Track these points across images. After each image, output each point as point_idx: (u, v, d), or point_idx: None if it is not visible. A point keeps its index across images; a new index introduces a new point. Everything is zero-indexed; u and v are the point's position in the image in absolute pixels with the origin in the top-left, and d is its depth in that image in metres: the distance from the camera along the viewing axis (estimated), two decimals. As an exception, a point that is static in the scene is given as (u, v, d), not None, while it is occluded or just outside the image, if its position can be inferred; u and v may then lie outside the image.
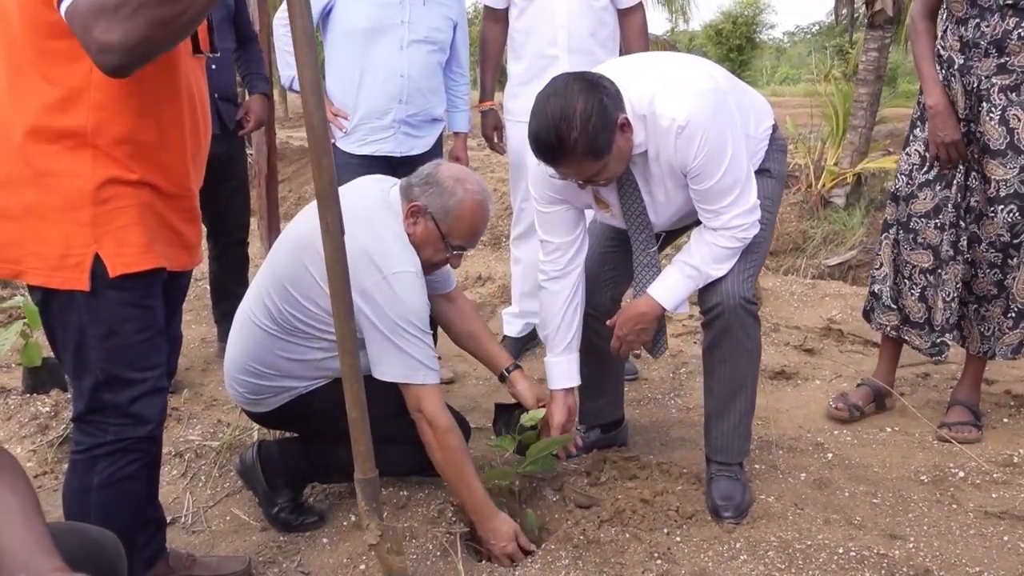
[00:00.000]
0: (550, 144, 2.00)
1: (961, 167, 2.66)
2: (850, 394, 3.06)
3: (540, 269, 2.46)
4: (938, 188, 2.71)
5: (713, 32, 23.44)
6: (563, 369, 2.46)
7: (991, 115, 2.58)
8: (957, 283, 2.72)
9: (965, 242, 2.69)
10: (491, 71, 3.54)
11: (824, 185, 7.25)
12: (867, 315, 3.03)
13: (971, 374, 2.89)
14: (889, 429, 2.89)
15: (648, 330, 2.31)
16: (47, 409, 3.03)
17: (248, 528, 2.37)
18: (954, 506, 2.35)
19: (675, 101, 2.07)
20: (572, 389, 2.47)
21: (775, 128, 2.39)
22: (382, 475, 2.44)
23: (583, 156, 2.00)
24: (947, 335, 2.81)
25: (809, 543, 2.13)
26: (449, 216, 2.13)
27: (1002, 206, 2.62)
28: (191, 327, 4.12)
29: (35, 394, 3.18)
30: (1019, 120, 2.55)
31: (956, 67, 2.63)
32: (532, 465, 2.32)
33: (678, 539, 2.18)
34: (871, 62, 7.26)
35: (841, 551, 2.09)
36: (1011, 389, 3.17)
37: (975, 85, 2.60)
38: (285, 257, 2.20)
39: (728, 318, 2.21)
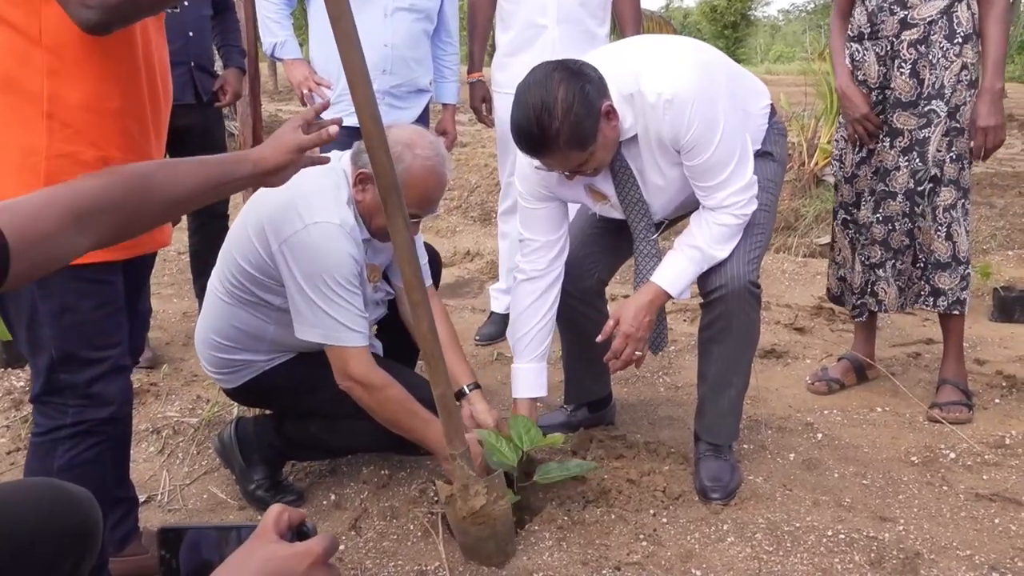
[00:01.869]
0: (532, 136, 1.93)
1: (880, 136, 2.74)
2: (829, 369, 3.06)
3: (518, 268, 2.35)
4: (870, 162, 2.79)
5: (708, 9, 23.26)
6: (531, 377, 2.33)
7: (901, 70, 2.64)
8: (875, 247, 2.78)
9: (876, 204, 2.75)
10: (479, 41, 3.46)
11: (817, 163, 7.18)
12: (838, 299, 3.05)
13: (951, 349, 2.85)
14: (879, 409, 2.84)
15: (653, 322, 2.20)
16: (21, 384, 2.97)
17: (226, 507, 2.32)
18: (945, 488, 2.31)
19: (660, 75, 2.02)
20: (536, 401, 2.36)
21: (773, 111, 2.34)
22: (354, 452, 2.42)
23: (567, 147, 1.94)
24: (866, 298, 2.87)
25: (798, 525, 2.09)
26: None
27: (912, 153, 2.66)
28: (172, 301, 4.06)
29: (9, 369, 3.11)
30: (926, 69, 2.61)
31: (866, 37, 2.71)
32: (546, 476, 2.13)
33: (664, 520, 2.14)
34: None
35: (830, 533, 2.05)
36: (1002, 369, 3.13)
37: (887, 48, 2.67)
38: (234, 225, 2.18)
39: (731, 301, 2.14)
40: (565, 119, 1.90)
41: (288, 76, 3.18)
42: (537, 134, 1.92)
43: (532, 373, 2.34)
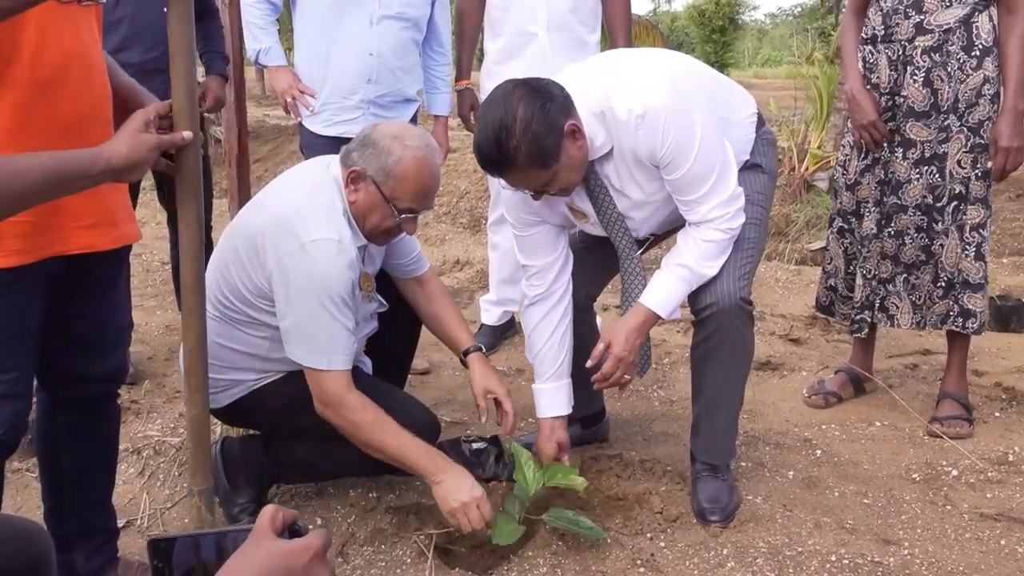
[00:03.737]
0: (491, 155, 1.90)
1: (884, 145, 2.67)
2: (826, 381, 3.00)
3: (522, 292, 2.33)
4: (874, 171, 2.72)
5: (696, 13, 23.23)
6: (551, 397, 2.30)
7: (915, 78, 2.56)
8: (877, 260, 2.72)
9: (885, 217, 2.68)
10: (468, 49, 3.40)
11: (807, 168, 7.15)
12: (827, 310, 2.98)
13: (956, 363, 2.80)
14: (878, 423, 2.79)
15: (643, 344, 2.15)
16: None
17: (208, 531, 2.24)
18: (948, 507, 2.25)
19: (631, 91, 1.98)
20: (562, 419, 2.31)
21: (761, 121, 2.28)
22: (344, 476, 2.34)
23: (527, 165, 1.90)
24: (866, 312, 2.78)
25: (799, 549, 2.03)
26: (390, 177, 1.96)
27: (926, 167, 2.60)
28: (155, 313, 3.96)
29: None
30: (942, 81, 2.54)
31: (879, 40, 2.63)
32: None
33: (662, 544, 2.07)
34: (856, 44, 7.15)
35: (834, 558, 1.99)
36: (1001, 381, 3.08)
37: (899, 53, 2.59)
38: (222, 239, 2.11)
39: (722, 318, 2.09)
40: (523, 137, 1.86)
41: (272, 83, 3.11)
42: (496, 153, 1.89)
43: (551, 392, 2.30)
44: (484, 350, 2.32)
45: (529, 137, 1.86)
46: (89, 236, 1.63)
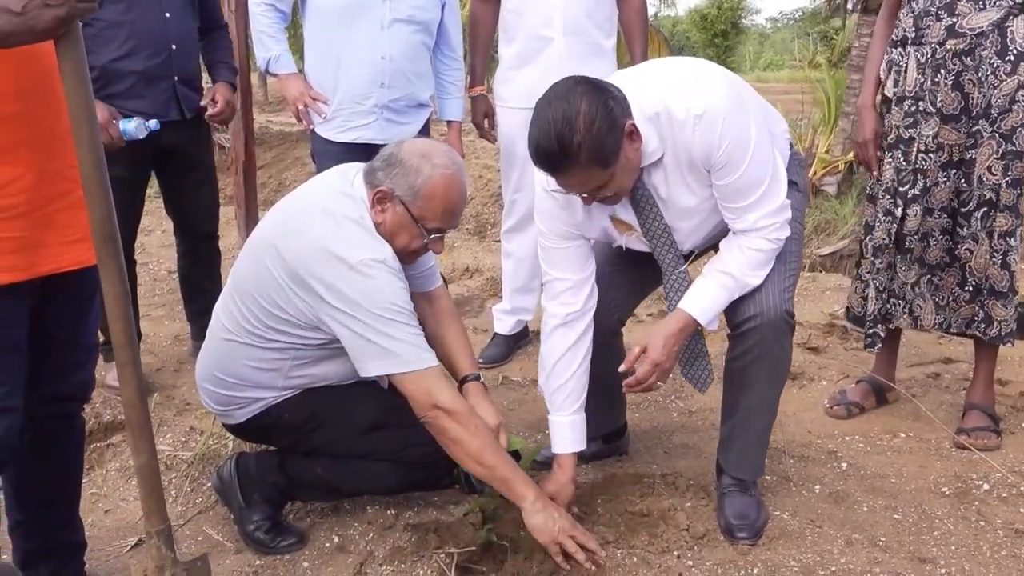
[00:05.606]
0: (551, 151, 1.81)
1: (899, 154, 2.62)
2: (848, 391, 2.94)
3: (549, 312, 2.20)
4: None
5: (698, 17, 23.32)
6: (574, 432, 2.19)
7: (946, 81, 2.50)
8: (891, 273, 2.68)
9: (895, 227, 2.63)
10: (482, 55, 3.35)
11: (815, 173, 7.13)
12: (858, 320, 2.90)
13: (982, 373, 2.74)
14: (903, 435, 2.73)
15: (680, 351, 2.11)
16: None
17: (222, 550, 2.18)
18: (982, 523, 2.20)
19: (689, 92, 1.92)
20: (575, 455, 2.20)
21: (791, 143, 2.24)
22: (362, 495, 2.29)
23: (588, 163, 1.82)
24: (879, 326, 2.73)
25: (833, 568, 1.97)
26: (419, 197, 1.92)
27: (953, 170, 2.56)
28: (163, 323, 3.91)
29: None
30: (973, 85, 2.48)
31: (910, 42, 2.57)
32: None
33: (690, 563, 2.02)
34: (865, 48, 7.12)
35: (869, 577, 1.93)
36: (1026, 390, 3.03)
37: (929, 55, 2.52)
38: (247, 258, 2.04)
39: (765, 331, 2.03)
40: (587, 133, 1.79)
41: (283, 91, 3.06)
42: (557, 150, 1.81)
43: (573, 427, 2.19)
44: (482, 379, 2.23)
45: (593, 133, 1.78)
46: (78, 252, 1.61)
